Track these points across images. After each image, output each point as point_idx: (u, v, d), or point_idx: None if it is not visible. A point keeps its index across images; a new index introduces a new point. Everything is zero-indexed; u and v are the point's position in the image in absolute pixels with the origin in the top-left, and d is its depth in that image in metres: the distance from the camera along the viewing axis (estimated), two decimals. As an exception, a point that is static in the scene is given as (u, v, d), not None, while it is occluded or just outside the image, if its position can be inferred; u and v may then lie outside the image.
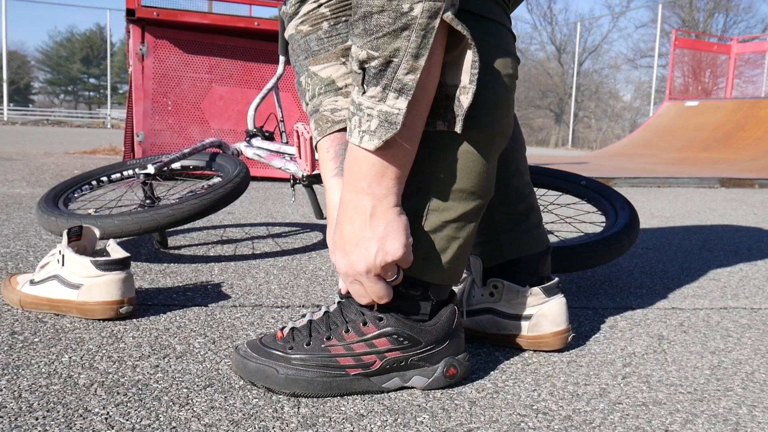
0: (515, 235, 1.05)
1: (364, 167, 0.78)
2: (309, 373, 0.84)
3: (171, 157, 1.76)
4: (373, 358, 0.85)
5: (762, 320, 1.28)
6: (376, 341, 0.85)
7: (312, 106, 0.95)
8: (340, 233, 0.82)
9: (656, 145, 8.16)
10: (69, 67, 38.04)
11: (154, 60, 3.46)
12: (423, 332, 0.86)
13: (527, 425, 0.78)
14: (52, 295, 1.11)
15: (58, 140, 8.35)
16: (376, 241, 0.79)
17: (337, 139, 0.92)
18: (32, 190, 2.85)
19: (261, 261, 1.63)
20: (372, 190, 0.78)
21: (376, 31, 0.72)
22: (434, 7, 0.72)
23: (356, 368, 0.85)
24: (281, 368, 0.84)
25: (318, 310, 0.91)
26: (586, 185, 1.64)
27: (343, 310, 0.88)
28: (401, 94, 0.74)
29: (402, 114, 0.74)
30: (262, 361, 0.85)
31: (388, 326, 0.85)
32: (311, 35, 0.93)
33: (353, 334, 0.86)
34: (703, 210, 3.19)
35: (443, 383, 0.87)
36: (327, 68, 0.92)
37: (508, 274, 1.04)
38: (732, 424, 0.81)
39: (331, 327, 0.87)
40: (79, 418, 0.75)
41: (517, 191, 1.06)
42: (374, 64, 0.73)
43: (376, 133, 0.75)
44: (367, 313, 0.86)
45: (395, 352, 0.86)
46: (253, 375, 0.85)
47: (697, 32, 21.51)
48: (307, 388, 0.83)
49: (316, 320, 0.89)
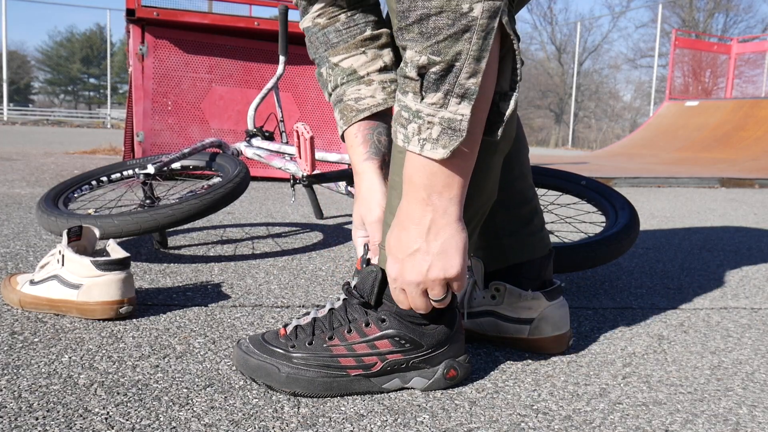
0: (518, 239, 1.03)
1: (424, 177, 0.75)
2: (310, 372, 0.84)
3: (171, 157, 1.76)
4: (374, 359, 0.85)
5: (762, 320, 1.28)
6: (378, 342, 0.85)
7: (335, 96, 0.95)
8: (396, 239, 0.80)
9: (656, 145, 8.16)
10: (69, 67, 38.04)
11: (154, 60, 3.45)
12: (424, 335, 0.86)
13: (527, 425, 0.78)
14: (52, 295, 1.11)
15: (58, 140, 8.35)
16: (431, 255, 0.77)
17: (363, 125, 0.93)
18: (32, 190, 2.85)
19: (261, 261, 1.63)
20: (433, 202, 0.76)
21: (435, 34, 0.69)
22: (494, 6, 0.69)
23: (357, 369, 0.85)
24: (282, 367, 0.84)
25: (323, 307, 0.92)
26: (586, 185, 1.64)
27: (348, 309, 0.88)
28: (464, 99, 0.71)
29: (466, 120, 0.71)
30: (263, 359, 0.85)
31: (391, 328, 0.86)
32: (329, 27, 0.94)
33: (355, 335, 0.86)
34: (703, 210, 3.19)
35: (443, 385, 0.87)
36: (348, 59, 0.93)
37: (511, 277, 1.03)
38: (732, 424, 0.81)
39: (334, 326, 0.87)
40: (79, 418, 0.75)
41: (520, 194, 1.05)
42: (435, 70, 0.70)
43: (440, 142, 0.72)
44: (370, 314, 0.86)
45: (396, 354, 0.86)
46: (254, 371, 0.85)
47: (697, 32, 21.51)
48: (308, 387, 0.83)
49: (320, 318, 0.89)
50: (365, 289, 0.87)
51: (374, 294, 0.86)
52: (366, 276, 0.87)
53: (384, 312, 0.86)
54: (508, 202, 1.03)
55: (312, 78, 3.79)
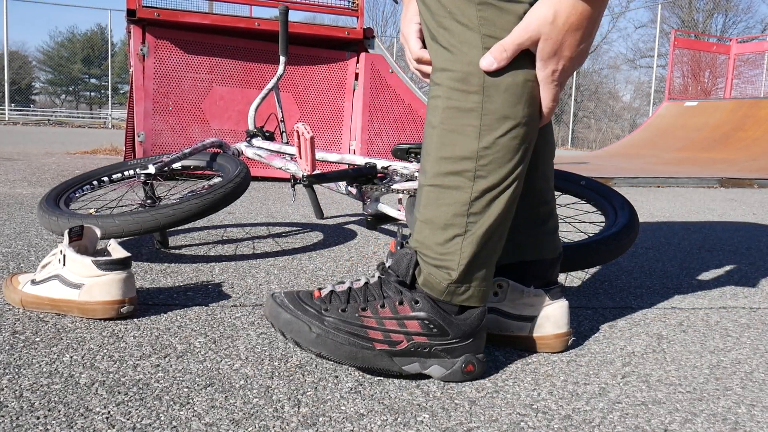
0: (531, 237, 1.05)
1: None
2: (339, 337, 0.86)
3: (172, 157, 1.76)
4: (400, 337, 0.87)
5: (761, 320, 1.28)
6: (407, 322, 0.88)
7: None
8: (564, 39, 0.81)
9: (656, 145, 8.16)
10: (70, 67, 38.04)
11: (155, 60, 3.46)
12: (453, 324, 0.88)
13: (527, 424, 0.79)
14: (54, 295, 1.12)
15: (59, 140, 8.35)
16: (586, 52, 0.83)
17: None
18: (33, 190, 2.85)
19: (261, 261, 1.63)
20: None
21: None
22: None
23: (383, 344, 0.87)
24: (314, 326, 0.86)
25: (358, 279, 0.94)
26: (586, 185, 1.64)
27: (383, 285, 0.90)
28: None
29: None
30: (297, 315, 0.87)
31: (422, 311, 0.88)
32: None
33: (387, 310, 0.88)
34: (702, 210, 3.20)
35: (460, 377, 0.89)
36: None
37: (518, 274, 1.05)
38: (731, 423, 0.81)
39: (368, 299, 0.89)
40: (80, 417, 0.75)
41: (540, 194, 1.05)
42: None
43: None
44: (405, 294, 0.89)
45: (423, 337, 0.88)
46: (285, 326, 0.87)
47: (696, 32, 21.51)
48: (334, 352, 0.86)
49: (356, 288, 0.91)
50: (400, 269, 0.89)
51: (410, 275, 0.88)
52: (401, 257, 0.89)
53: (418, 294, 0.89)
54: (528, 201, 1.04)
55: (312, 78, 3.80)
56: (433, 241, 0.88)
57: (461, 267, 0.87)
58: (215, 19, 3.49)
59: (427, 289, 0.89)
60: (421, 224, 0.89)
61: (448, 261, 0.87)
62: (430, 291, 0.89)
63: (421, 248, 0.89)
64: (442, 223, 0.87)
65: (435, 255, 0.88)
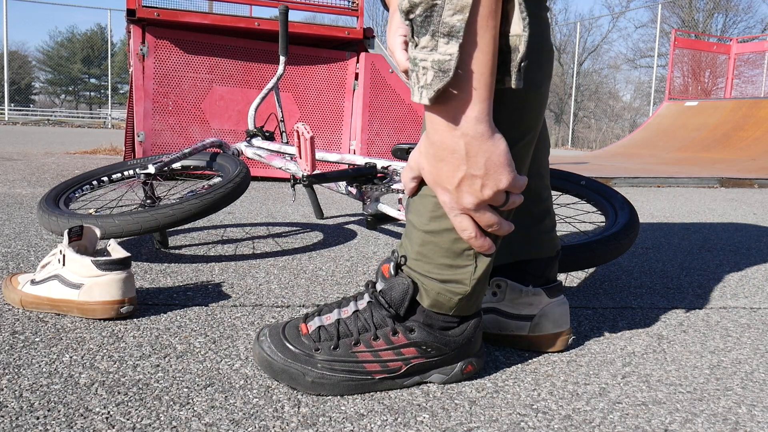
0: (527, 235, 1.03)
1: (438, 125, 0.74)
2: (336, 377, 0.84)
3: (171, 157, 1.76)
4: (399, 364, 0.86)
5: (761, 320, 1.28)
6: (404, 350, 0.86)
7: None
8: (437, 170, 0.77)
9: (656, 145, 8.16)
10: (70, 67, 38.05)
11: (155, 60, 3.46)
12: (450, 342, 0.87)
13: (527, 425, 0.79)
14: (53, 295, 1.11)
15: (58, 140, 8.35)
16: (480, 177, 0.75)
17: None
18: (33, 190, 2.85)
19: (261, 261, 1.63)
20: (461, 128, 0.73)
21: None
22: None
23: (382, 373, 0.86)
24: (308, 372, 0.84)
25: (346, 305, 0.90)
26: (586, 185, 1.64)
27: (374, 312, 0.87)
28: (451, 38, 0.67)
29: (454, 59, 0.67)
30: (288, 364, 0.85)
31: (419, 338, 0.86)
32: None
33: (382, 342, 0.86)
34: (702, 210, 3.19)
35: (460, 378, 0.90)
36: None
37: (515, 274, 1.04)
38: (731, 424, 0.81)
39: (360, 332, 0.87)
40: (80, 417, 0.75)
41: (535, 192, 1.04)
42: (419, 12, 0.67)
43: (432, 86, 0.69)
44: (398, 324, 0.86)
45: (420, 359, 0.87)
46: (278, 375, 0.86)
47: (696, 32, 21.51)
48: (333, 390, 0.84)
49: (345, 319, 0.88)
50: (394, 299, 0.85)
51: (404, 307, 0.85)
52: (396, 286, 0.85)
53: (413, 322, 0.86)
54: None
55: (312, 78, 3.80)
56: (440, 255, 0.84)
57: (474, 280, 0.84)
58: (215, 19, 3.49)
59: (435, 310, 0.86)
60: (425, 237, 0.85)
61: (459, 275, 0.84)
62: (439, 310, 0.86)
63: (424, 266, 0.85)
64: (450, 237, 0.83)
65: (442, 271, 0.84)
